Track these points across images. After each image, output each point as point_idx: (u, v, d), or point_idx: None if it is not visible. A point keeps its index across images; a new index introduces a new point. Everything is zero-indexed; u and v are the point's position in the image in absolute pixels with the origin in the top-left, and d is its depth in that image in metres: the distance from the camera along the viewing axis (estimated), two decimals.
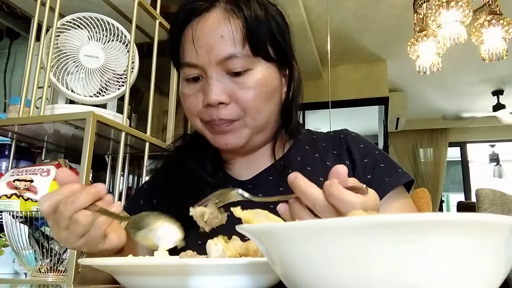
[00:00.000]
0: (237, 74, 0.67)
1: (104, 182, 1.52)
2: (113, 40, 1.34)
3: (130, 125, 1.42)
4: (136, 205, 0.82)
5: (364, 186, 0.46)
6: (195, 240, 0.67)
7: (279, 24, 0.72)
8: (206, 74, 0.68)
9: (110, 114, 1.27)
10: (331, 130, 0.85)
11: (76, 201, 0.53)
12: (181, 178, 0.76)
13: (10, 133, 1.29)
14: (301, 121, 0.84)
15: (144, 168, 1.39)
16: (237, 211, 0.44)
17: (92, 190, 0.54)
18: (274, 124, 0.74)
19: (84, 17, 1.30)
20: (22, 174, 1.15)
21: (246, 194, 0.52)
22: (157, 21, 1.50)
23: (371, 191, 0.47)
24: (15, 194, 1.09)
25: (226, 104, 0.67)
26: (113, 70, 1.31)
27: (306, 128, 0.86)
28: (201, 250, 0.53)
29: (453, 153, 6.29)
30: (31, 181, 1.13)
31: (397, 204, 0.70)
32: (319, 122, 4.55)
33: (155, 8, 1.52)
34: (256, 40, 0.67)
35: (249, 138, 0.71)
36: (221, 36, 0.66)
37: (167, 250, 0.54)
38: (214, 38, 0.66)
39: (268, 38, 0.69)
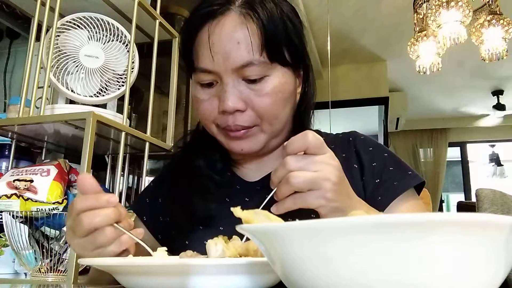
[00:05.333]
0: (253, 81, 0.66)
1: (104, 182, 1.52)
2: (113, 40, 1.34)
3: (130, 125, 1.42)
4: (142, 203, 0.82)
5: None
6: (200, 239, 0.67)
7: (295, 24, 0.70)
8: (222, 80, 0.66)
9: (110, 114, 1.27)
10: (340, 132, 0.83)
11: (108, 215, 0.54)
12: (189, 176, 0.75)
13: (10, 133, 1.29)
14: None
15: (144, 168, 1.39)
16: (237, 211, 0.44)
17: (121, 210, 0.55)
18: (289, 127, 0.74)
19: (84, 17, 1.30)
20: (22, 174, 1.15)
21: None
22: (157, 21, 1.50)
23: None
24: (15, 194, 1.09)
25: (243, 111, 0.66)
26: (113, 70, 1.31)
27: (314, 129, 0.84)
28: (205, 250, 0.53)
29: (453, 153, 6.28)
30: (31, 181, 1.13)
31: (406, 206, 0.70)
32: (319, 122, 4.53)
33: (155, 8, 1.52)
34: (273, 46, 0.66)
35: (266, 144, 0.70)
36: (237, 43, 0.64)
37: (166, 251, 0.54)
38: (230, 44, 0.64)
39: (285, 41, 0.68)
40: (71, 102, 1.31)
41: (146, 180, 1.43)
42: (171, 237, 0.75)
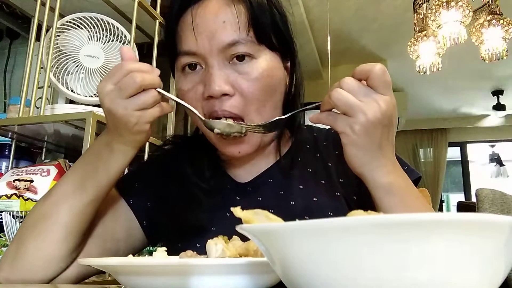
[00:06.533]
0: (240, 59, 0.62)
1: None
2: (113, 40, 1.34)
3: None
4: (129, 186, 0.75)
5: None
6: (192, 240, 0.66)
7: (280, 11, 0.68)
8: (207, 63, 0.62)
9: None
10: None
11: (156, 78, 0.57)
12: (178, 185, 0.72)
13: (10, 133, 1.30)
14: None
15: None
16: (237, 211, 0.44)
17: (160, 80, 0.59)
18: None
19: (84, 17, 1.30)
20: (22, 174, 1.15)
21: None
22: (157, 21, 1.50)
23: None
24: (15, 194, 1.09)
25: (230, 95, 0.62)
26: None
27: (306, 125, 0.81)
28: (200, 252, 0.53)
29: (453, 153, 6.29)
30: (31, 181, 1.13)
31: None
32: None
33: (155, 8, 1.52)
34: (261, 26, 0.63)
35: (260, 142, 0.67)
36: (223, 22, 0.61)
37: (166, 251, 0.54)
38: (215, 24, 0.61)
39: (271, 26, 0.65)
40: (71, 102, 1.31)
41: None
42: (156, 226, 0.73)
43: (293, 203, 0.68)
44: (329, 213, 0.67)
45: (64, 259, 0.62)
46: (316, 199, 0.68)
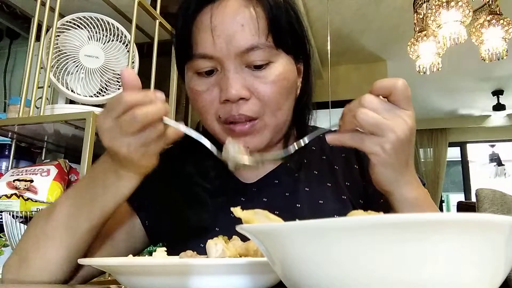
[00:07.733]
0: (258, 67, 0.61)
1: None
2: (113, 40, 1.34)
3: None
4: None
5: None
6: (196, 240, 0.66)
7: (295, 12, 0.67)
8: (223, 67, 0.61)
9: None
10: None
11: (161, 109, 0.50)
12: (182, 185, 0.71)
13: (10, 133, 1.29)
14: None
15: None
16: (237, 211, 0.44)
17: (166, 105, 0.52)
18: (289, 122, 0.69)
19: (84, 17, 1.30)
20: (22, 174, 1.15)
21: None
22: (157, 21, 1.50)
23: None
24: (15, 194, 1.09)
25: (247, 99, 0.61)
26: (113, 70, 1.31)
27: (311, 125, 0.80)
28: (202, 252, 0.53)
29: (453, 153, 6.29)
30: (31, 181, 1.13)
31: None
32: (319, 122, 4.53)
33: (155, 8, 1.52)
34: (280, 31, 0.62)
35: (270, 139, 0.66)
36: (241, 25, 0.60)
37: (165, 251, 0.54)
38: (234, 27, 0.60)
39: (289, 29, 0.64)
40: (71, 102, 1.31)
41: None
42: (159, 226, 0.72)
43: (299, 205, 0.68)
44: (335, 216, 0.66)
45: (67, 274, 0.62)
46: (322, 202, 0.68)
